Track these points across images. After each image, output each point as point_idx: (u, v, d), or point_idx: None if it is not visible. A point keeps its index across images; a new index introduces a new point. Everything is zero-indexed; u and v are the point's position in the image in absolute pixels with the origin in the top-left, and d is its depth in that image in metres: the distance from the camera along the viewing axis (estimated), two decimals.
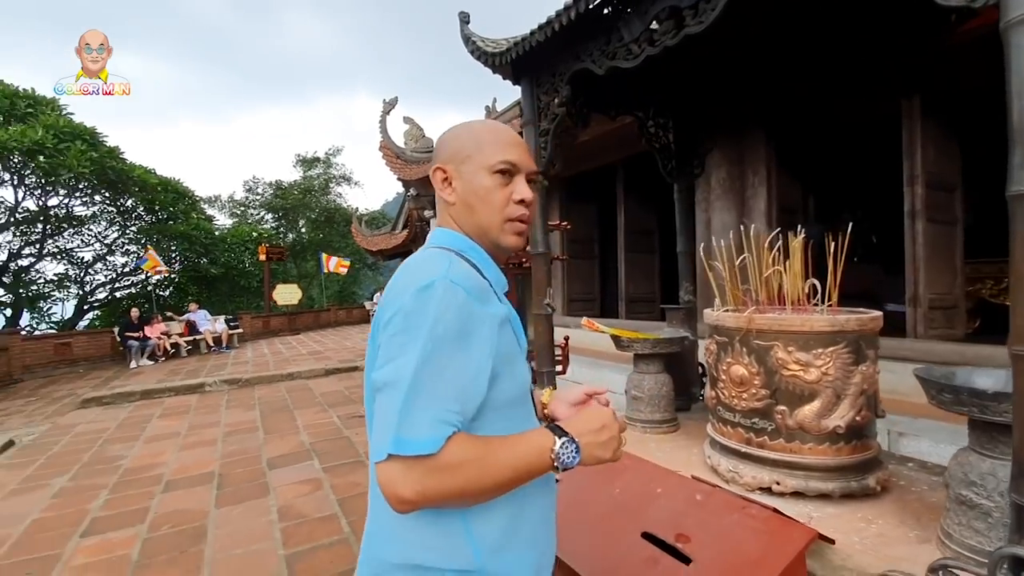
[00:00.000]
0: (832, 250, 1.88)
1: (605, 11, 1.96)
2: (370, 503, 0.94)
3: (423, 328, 0.77)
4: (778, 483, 1.76)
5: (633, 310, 6.58)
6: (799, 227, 2.09)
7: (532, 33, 2.29)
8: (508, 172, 0.90)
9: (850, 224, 2.02)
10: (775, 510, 1.47)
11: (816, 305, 1.93)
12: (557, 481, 0.94)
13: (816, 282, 1.95)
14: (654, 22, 1.81)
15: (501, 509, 0.84)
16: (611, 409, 0.92)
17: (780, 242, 1.99)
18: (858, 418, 1.73)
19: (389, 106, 9.97)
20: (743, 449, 1.87)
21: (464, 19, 2.78)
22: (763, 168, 4.55)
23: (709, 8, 1.60)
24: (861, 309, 1.91)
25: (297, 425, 5.75)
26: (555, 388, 1.08)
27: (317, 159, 28.33)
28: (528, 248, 2.63)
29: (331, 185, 28.60)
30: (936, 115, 3.72)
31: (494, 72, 2.69)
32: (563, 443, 0.80)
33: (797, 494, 1.76)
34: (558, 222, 4.50)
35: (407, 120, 10.17)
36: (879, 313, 1.85)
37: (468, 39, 2.71)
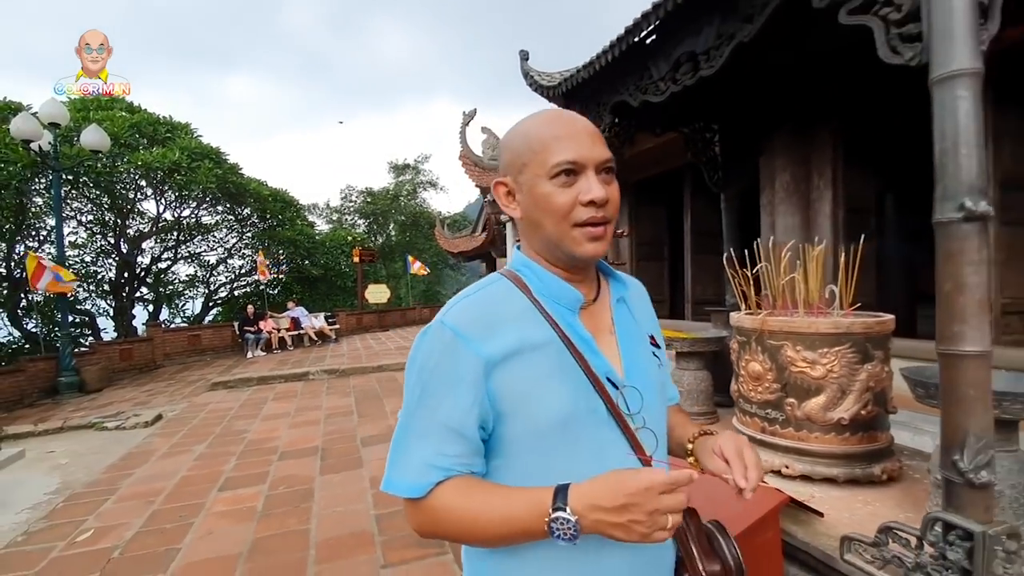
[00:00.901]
0: (845, 261, 2.07)
1: (638, 54, 2.28)
2: None
3: (413, 373, 0.79)
4: (787, 467, 1.99)
5: (699, 312, 6.64)
6: (861, 235, 2.26)
7: (579, 71, 2.64)
8: (571, 172, 0.76)
9: (863, 236, 2.18)
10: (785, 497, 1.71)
11: (833, 310, 2.13)
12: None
13: (834, 288, 2.14)
14: (677, 64, 2.11)
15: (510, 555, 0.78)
16: (653, 479, 0.65)
17: (842, 250, 2.19)
18: (864, 412, 1.92)
19: (468, 117, 10.61)
20: (758, 436, 2.11)
21: (524, 56, 3.18)
22: (829, 169, 4.53)
23: (718, 55, 1.88)
24: (873, 313, 2.07)
25: (385, 410, 6.45)
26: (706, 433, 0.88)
27: (407, 165, 30.05)
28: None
29: (419, 190, 30.21)
30: (1017, 105, 3.56)
31: (549, 101, 3.06)
32: (555, 518, 0.66)
33: (805, 477, 1.97)
34: (618, 231, 4.80)
35: (484, 130, 10.77)
36: (890, 317, 2.01)
37: (527, 74, 3.10)
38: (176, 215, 16.47)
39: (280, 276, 19.42)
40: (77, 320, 15.08)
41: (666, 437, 0.88)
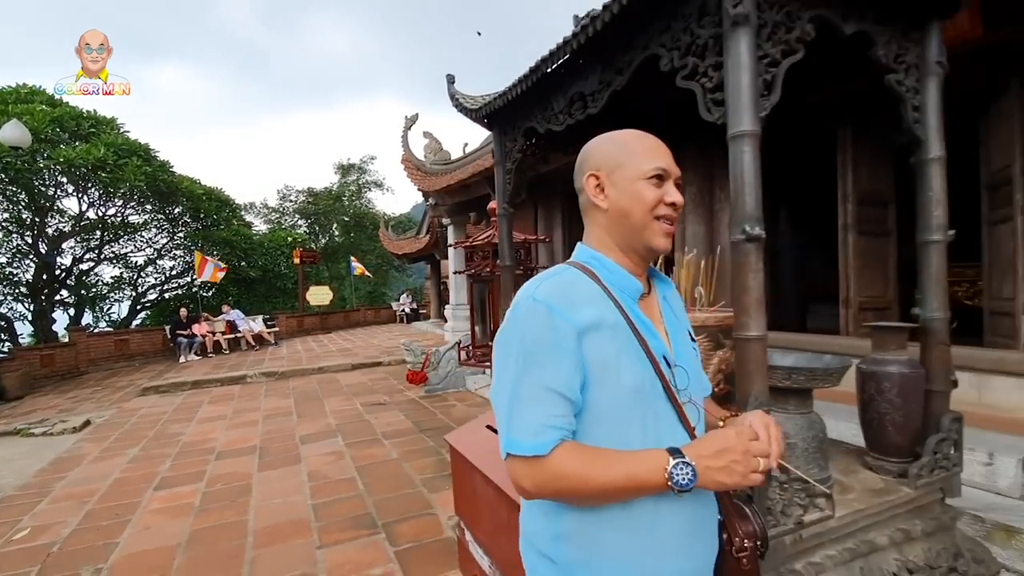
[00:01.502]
0: (707, 266, 2.51)
1: (542, 88, 2.65)
2: None
3: (513, 344, 0.87)
4: None
5: None
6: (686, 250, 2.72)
7: (496, 98, 2.99)
8: (660, 177, 0.93)
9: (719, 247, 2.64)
10: None
11: (697, 307, 2.57)
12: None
13: (701, 289, 2.59)
14: (571, 101, 2.49)
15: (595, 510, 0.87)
16: (741, 429, 0.84)
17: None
18: (717, 389, 2.36)
19: (410, 122, 10.80)
20: None
21: (450, 80, 3.50)
22: (728, 184, 5.12)
23: (601, 98, 2.27)
24: (725, 309, 2.53)
25: (325, 410, 6.58)
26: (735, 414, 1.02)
27: (353, 165, 29.63)
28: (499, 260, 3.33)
29: (364, 191, 29.85)
30: (868, 140, 4.24)
31: (473, 122, 3.40)
32: (676, 463, 0.79)
33: None
34: (540, 237, 5.20)
35: (426, 134, 10.99)
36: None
37: (453, 96, 3.43)
38: (100, 214, 15.66)
39: (217, 278, 18.79)
40: None
41: (705, 413, 1.02)
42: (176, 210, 17.24)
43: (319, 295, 19.25)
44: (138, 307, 18.86)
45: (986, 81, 3.32)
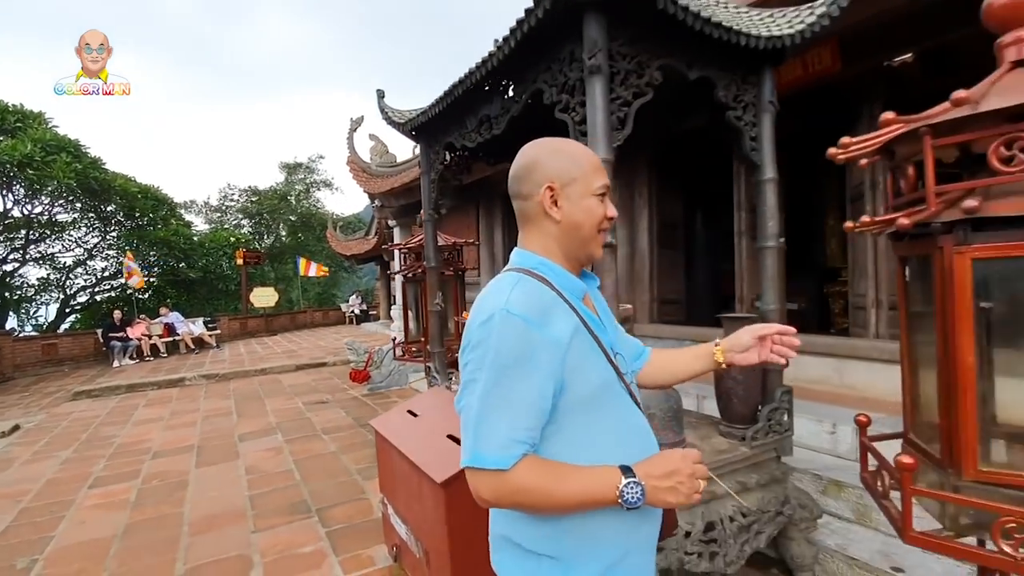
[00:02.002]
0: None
1: (458, 107, 2.96)
2: None
3: (487, 358, 0.86)
4: None
5: None
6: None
7: (420, 114, 3.28)
8: (604, 194, 1.00)
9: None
10: None
11: None
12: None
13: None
14: (480, 122, 2.82)
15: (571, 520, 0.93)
16: (686, 453, 0.92)
17: None
18: None
19: (356, 124, 10.88)
20: None
21: (380, 95, 3.76)
22: (646, 191, 5.61)
23: (502, 121, 2.60)
24: (623, 305, 2.93)
25: (266, 410, 6.66)
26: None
27: (300, 164, 28.99)
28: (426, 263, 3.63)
29: (312, 190, 29.29)
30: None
31: (401, 134, 3.67)
32: (627, 483, 0.85)
33: None
34: (470, 240, 5.53)
35: (372, 137, 11.10)
36: (628, 306, 2.87)
37: (383, 110, 3.69)
38: (25, 212, 14.85)
39: (151, 280, 18.09)
40: None
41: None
42: (109, 208, 16.53)
43: (264, 297, 18.84)
44: (67, 310, 17.94)
45: (845, 109, 3.88)
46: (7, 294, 15.74)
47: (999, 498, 1.09)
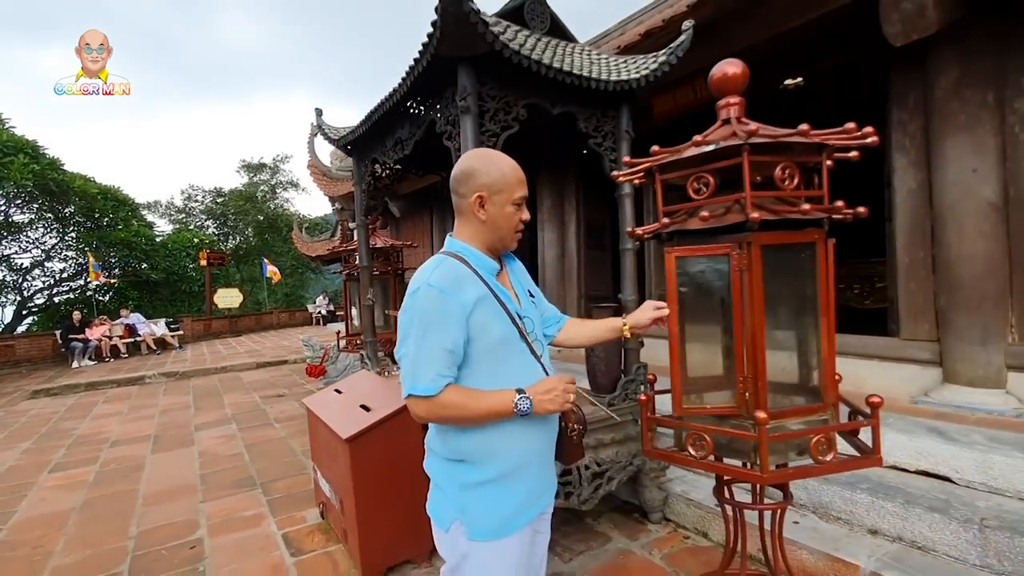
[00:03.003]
0: None
1: (380, 128, 3.43)
2: None
3: (415, 318, 1.22)
4: None
5: None
6: None
7: (350, 132, 3.74)
8: (521, 203, 1.33)
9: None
10: None
11: None
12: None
13: None
14: (395, 142, 3.30)
15: (492, 430, 1.26)
16: (561, 377, 1.30)
17: None
18: None
19: (316, 128, 11.18)
20: None
21: (319, 113, 4.22)
22: (574, 199, 6.17)
23: (410, 143, 3.08)
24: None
25: (224, 403, 7.00)
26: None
27: (264, 165, 28.82)
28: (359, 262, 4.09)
29: (278, 191, 29.16)
30: None
31: (338, 149, 4.13)
32: (520, 398, 1.21)
33: None
34: (408, 243, 6.03)
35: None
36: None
37: (320, 127, 4.14)
38: None
39: (112, 282, 17.95)
40: None
41: (547, 348, 1.51)
42: (68, 210, 16.38)
43: (228, 297, 18.89)
44: (24, 312, 17.67)
45: None
46: None
47: (693, 422, 1.61)
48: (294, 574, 2.68)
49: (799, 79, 4.75)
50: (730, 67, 1.76)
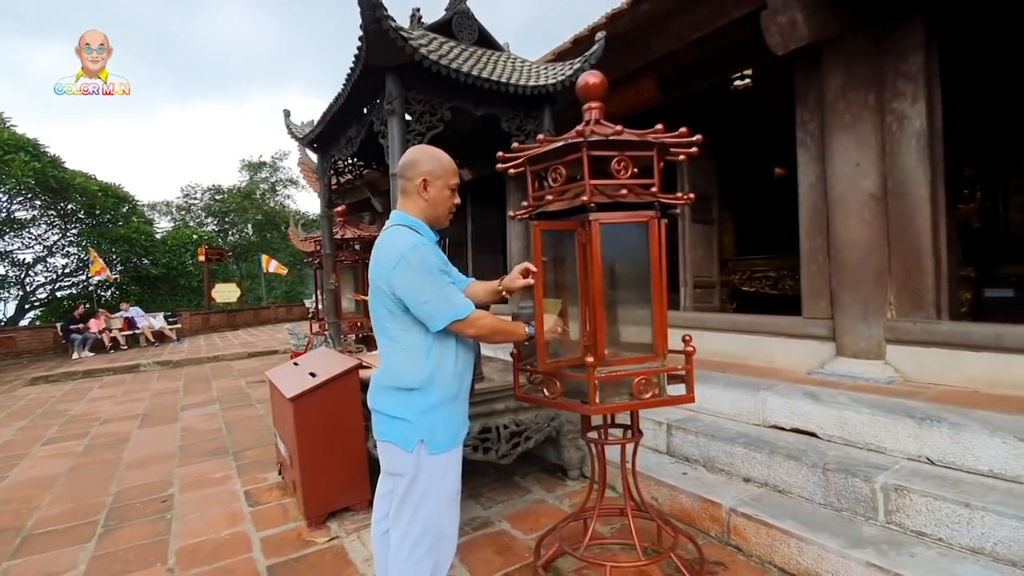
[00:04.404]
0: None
1: (335, 127, 3.79)
2: (380, 356, 1.75)
3: (420, 270, 1.55)
4: None
5: None
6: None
7: (310, 132, 4.11)
8: (455, 189, 1.75)
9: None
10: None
11: None
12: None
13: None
14: (347, 140, 3.66)
15: (439, 358, 1.65)
16: (555, 318, 1.83)
17: None
18: None
19: (308, 125, 11.57)
20: None
21: (287, 114, 4.59)
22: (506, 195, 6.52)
23: (357, 140, 3.44)
24: None
25: (211, 388, 7.39)
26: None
27: (263, 163, 29.25)
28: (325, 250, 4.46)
29: (278, 188, 29.60)
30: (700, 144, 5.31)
31: (303, 146, 4.49)
32: (528, 327, 1.78)
33: None
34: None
35: None
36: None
37: (287, 127, 4.52)
38: None
39: (113, 277, 18.40)
40: None
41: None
42: (69, 206, 16.83)
43: (226, 292, 19.31)
44: (26, 306, 18.15)
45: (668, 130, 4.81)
46: None
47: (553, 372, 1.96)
48: (249, 520, 3.05)
49: (747, 80, 5.09)
50: (591, 78, 2.13)
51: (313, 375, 3.10)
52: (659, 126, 1.90)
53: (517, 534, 2.69)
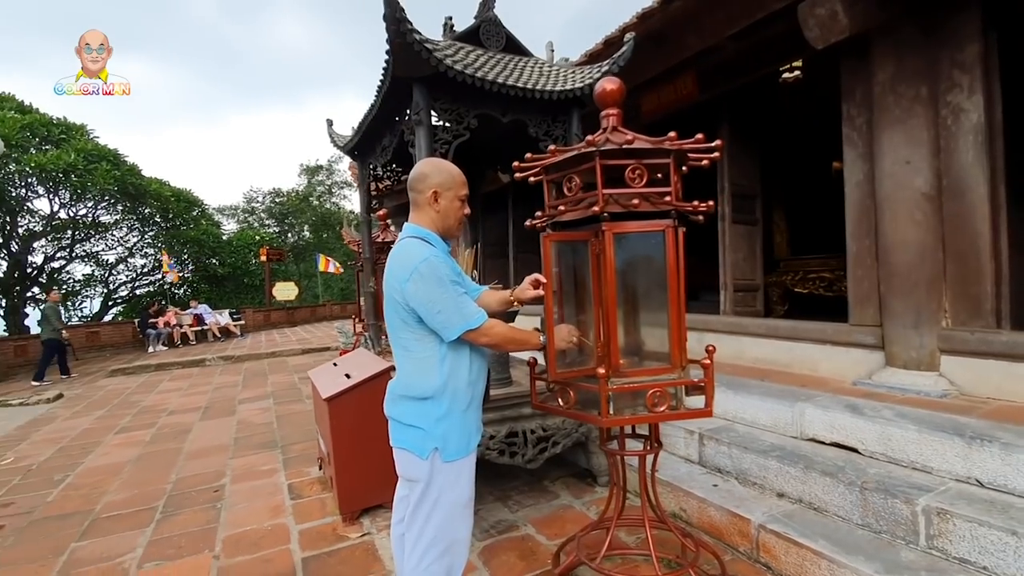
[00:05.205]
0: (472, 256, 3.80)
1: (370, 136, 3.92)
2: (396, 366, 1.79)
3: (433, 281, 1.58)
4: None
5: None
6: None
7: (349, 141, 4.26)
8: (465, 200, 1.78)
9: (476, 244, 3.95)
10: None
11: None
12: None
13: (476, 272, 3.88)
14: (382, 148, 3.77)
15: (452, 367, 1.68)
16: (571, 328, 1.89)
17: None
18: None
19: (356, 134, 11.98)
20: None
21: (329, 123, 4.77)
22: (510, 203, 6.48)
23: (391, 148, 3.55)
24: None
25: (267, 383, 7.81)
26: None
27: (320, 167, 30.47)
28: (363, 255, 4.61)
29: (333, 190, 30.75)
30: (743, 139, 4.82)
31: (345, 153, 4.67)
32: (542, 336, 1.81)
33: None
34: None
35: None
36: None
37: (331, 137, 4.70)
38: (71, 214, 16.52)
39: (186, 275, 19.73)
40: None
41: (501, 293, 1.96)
42: (146, 211, 18.14)
43: (285, 291, 20.29)
44: (109, 303, 19.72)
45: (705, 128, 4.65)
46: (55, 288, 17.52)
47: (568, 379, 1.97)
48: (290, 512, 3.21)
49: (796, 72, 4.87)
50: (608, 84, 2.10)
51: (348, 376, 3.23)
52: (672, 133, 1.85)
53: (541, 539, 2.71)
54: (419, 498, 1.74)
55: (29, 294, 16.79)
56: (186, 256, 19.85)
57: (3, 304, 16.12)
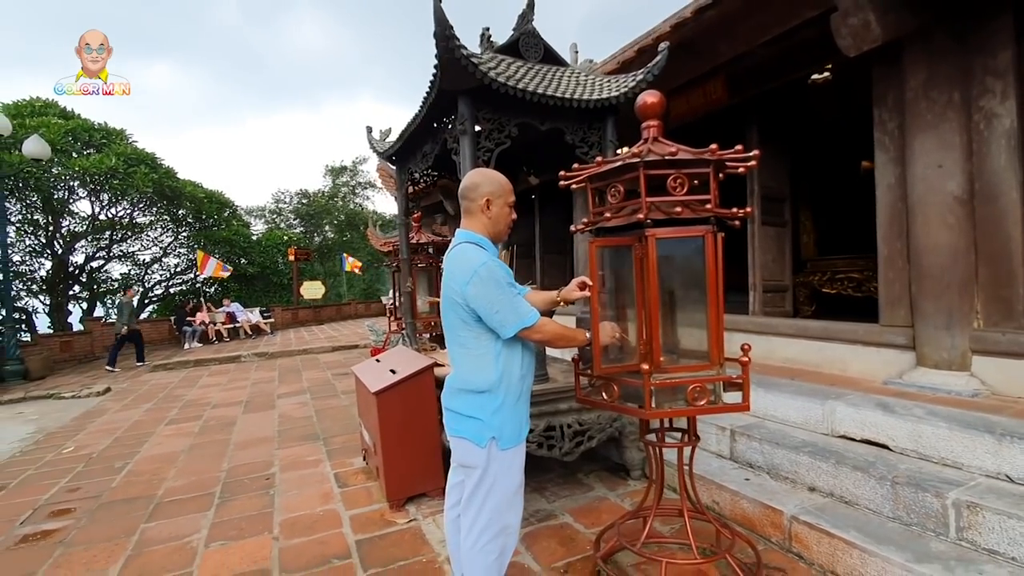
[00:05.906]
0: (509, 257, 3.96)
1: (411, 144, 4.11)
2: (451, 360, 1.92)
3: (492, 284, 1.70)
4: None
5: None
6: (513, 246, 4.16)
7: (390, 147, 4.45)
8: (512, 205, 1.91)
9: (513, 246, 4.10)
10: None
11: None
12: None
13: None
14: (422, 155, 3.95)
15: (506, 363, 1.81)
16: (613, 325, 2.04)
17: None
18: None
19: (384, 134, 12.24)
20: None
21: (369, 130, 4.98)
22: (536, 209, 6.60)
23: (432, 155, 3.72)
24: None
25: (302, 378, 8.09)
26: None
27: (344, 168, 31.00)
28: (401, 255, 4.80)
29: (357, 191, 31.27)
30: (772, 142, 4.81)
31: (383, 160, 4.86)
32: (588, 333, 1.97)
33: None
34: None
35: None
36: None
37: (370, 143, 4.90)
38: (110, 215, 17.17)
39: (223, 275, 20.30)
40: (15, 316, 15.61)
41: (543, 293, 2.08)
42: (180, 212, 18.73)
43: (312, 289, 20.76)
44: (145, 301, 20.41)
45: (734, 131, 4.74)
46: (95, 287, 18.24)
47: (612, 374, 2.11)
48: (339, 499, 3.41)
49: (826, 74, 4.91)
50: (649, 97, 2.23)
51: (393, 372, 3.41)
52: (713, 145, 1.97)
53: (579, 527, 2.85)
54: (476, 483, 1.89)
55: (71, 292, 17.51)
56: (218, 256, 20.43)
57: (48, 302, 16.84)
